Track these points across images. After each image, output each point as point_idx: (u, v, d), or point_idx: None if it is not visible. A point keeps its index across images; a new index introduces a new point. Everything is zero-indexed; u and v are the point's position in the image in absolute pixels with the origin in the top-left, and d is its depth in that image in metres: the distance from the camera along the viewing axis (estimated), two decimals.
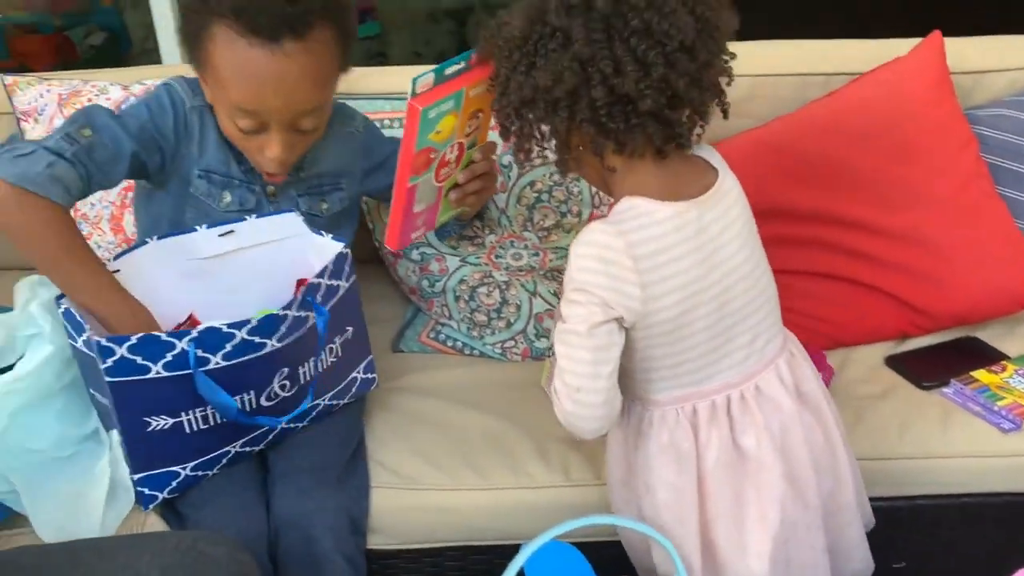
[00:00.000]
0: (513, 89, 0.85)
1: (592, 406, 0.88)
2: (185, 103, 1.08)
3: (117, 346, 0.91)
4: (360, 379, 1.17)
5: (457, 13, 3.45)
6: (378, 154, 1.24)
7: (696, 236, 0.87)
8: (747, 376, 0.94)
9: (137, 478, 1.00)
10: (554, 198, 1.30)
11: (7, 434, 0.97)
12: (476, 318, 1.38)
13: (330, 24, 1.00)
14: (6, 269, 1.52)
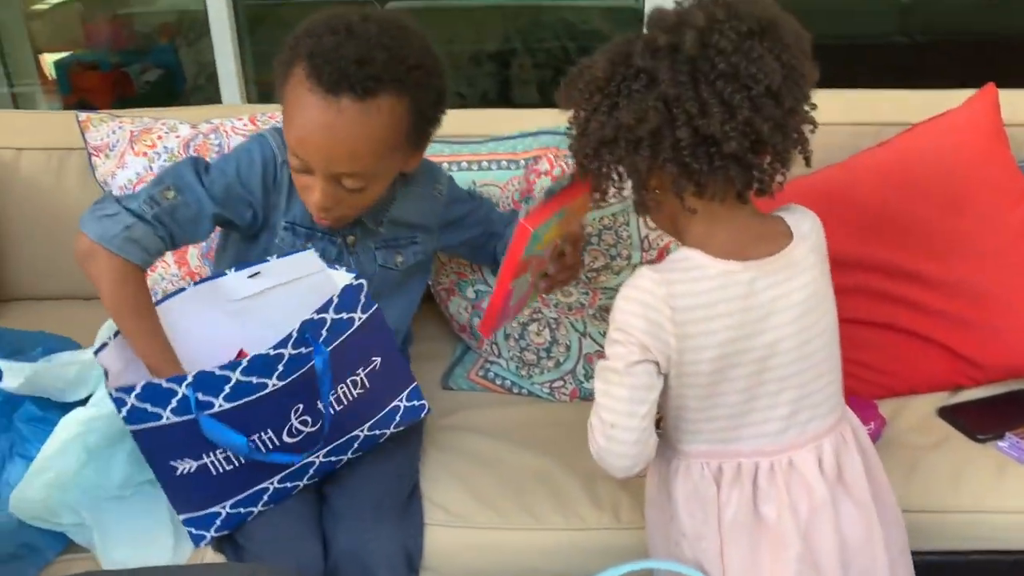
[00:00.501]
0: (593, 129, 0.86)
1: (624, 443, 0.89)
2: (276, 157, 1.10)
3: (127, 396, 0.94)
4: (404, 407, 1.14)
5: (500, 56, 3.51)
6: (456, 212, 1.27)
7: (743, 299, 0.87)
8: (781, 448, 0.92)
9: (183, 519, 1.03)
10: (604, 241, 1.32)
11: (84, 469, 1.00)
12: (525, 357, 1.39)
13: (399, 97, 0.99)
14: (71, 299, 1.59)
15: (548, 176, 1.35)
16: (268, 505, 1.07)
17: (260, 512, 1.07)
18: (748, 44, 0.81)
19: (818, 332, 0.92)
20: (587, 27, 2.88)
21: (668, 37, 0.82)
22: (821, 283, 0.93)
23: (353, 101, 0.97)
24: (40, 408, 1.10)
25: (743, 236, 0.89)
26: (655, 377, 0.89)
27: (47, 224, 1.53)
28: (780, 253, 0.89)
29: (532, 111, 1.57)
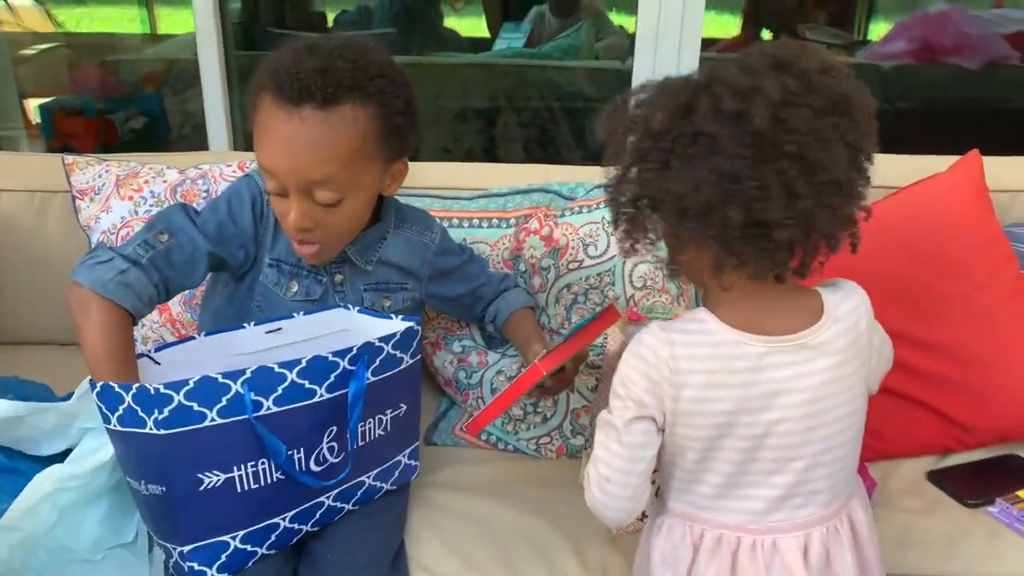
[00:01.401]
0: (638, 181, 0.81)
1: (619, 498, 0.88)
2: (263, 195, 1.11)
3: (175, 392, 0.90)
4: (404, 464, 1.16)
5: (485, 112, 3.56)
6: (446, 264, 1.26)
7: (749, 372, 0.84)
8: (766, 529, 0.88)
9: (187, 551, 0.95)
10: (590, 300, 1.32)
11: (53, 530, 0.96)
12: (512, 411, 1.37)
13: (364, 107, 1.00)
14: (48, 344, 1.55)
15: (537, 235, 1.35)
16: (271, 550, 1.02)
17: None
18: (821, 125, 0.76)
19: (831, 420, 0.87)
20: (572, 88, 2.92)
21: (737, 103, 0.75)
22: (848, 369, 0.87)
23: (315, 110, 0.98)
24: (8, 458, 1.05)
25: (766, 307, 0.85)
26: (653, 435, 0.87)
27: (26, 267, 1.50)
28: (802, 332, 0.85)
29: (523, 166, 1.58)
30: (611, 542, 1.15)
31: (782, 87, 0.75)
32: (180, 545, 0.95)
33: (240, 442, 0.95)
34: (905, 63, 2.51)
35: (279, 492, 1.00)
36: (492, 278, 1.32)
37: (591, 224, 1.33)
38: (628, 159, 0.83)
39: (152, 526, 0.99)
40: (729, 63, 0.79)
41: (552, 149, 2.90)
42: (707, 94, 0.78)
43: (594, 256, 1.31)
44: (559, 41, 2.87)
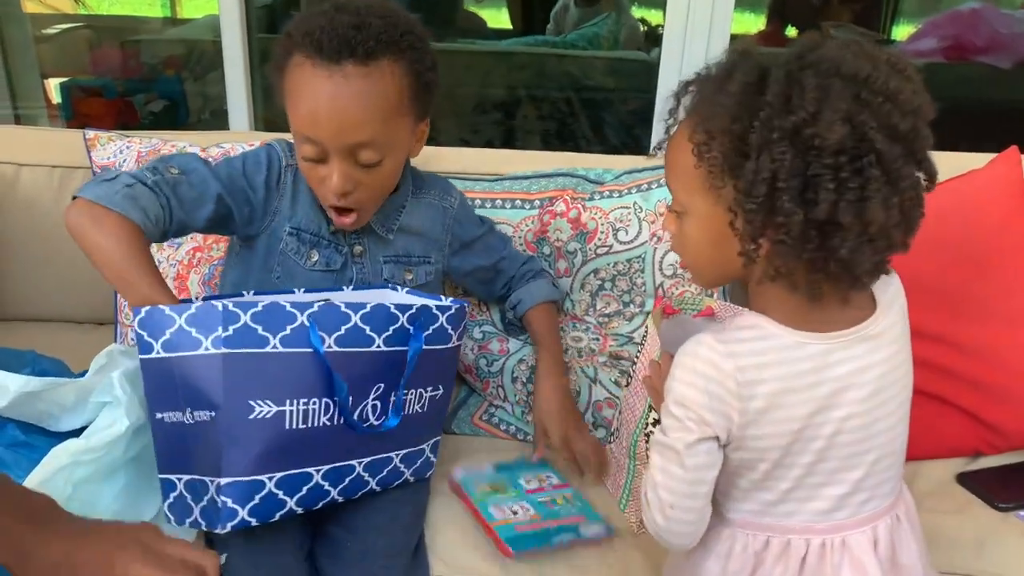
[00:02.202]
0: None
1: (684, 523, 0.84)
2: (282, 160, 1.11)
3: (242, 312, 0.88)
4: (426, 456, 1.15)
5: (504, 105, 3.53)
6: (466, 233, 1.24)
7: (814, 373, 0.81)
8: (834, 527, 0.86)
9: (224, 483, 0.91)
10: (617, 287, 1.29)
11: (67, 504, 0.94)
12: (532, 402, 1.35)
13: (399, 62, 1.01)
14: (64, 321, 1.54)
15: (564, 217, 1.32)
16: (299, 505, 0.98)
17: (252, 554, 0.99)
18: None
19: (892, 409, 0.85)
20: (591, 82, 2.90)
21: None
22: (902, 355, 0.86)
23: (356, 66, 0.98)
24: (24, 432, 1.04)
25: (816, 305, 0.81)
26: (715, 454, 0.83)
27: (44, 243, 1.48)
28: (861, 325, 0.83)
29: (547, 153, 1.56)
30: (633, 538, 1.12)
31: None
32: (219, 477, 0.91)
33: (297, 375, 0.93)
34: (936, 61, 2.47)
35: (321, 439, 0.97)
36: (514, 254, 1.29)
37: (622, 208, 1.30)
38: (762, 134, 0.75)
39: (188, 462, 0.95)
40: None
41: (571, 143, 2.88)
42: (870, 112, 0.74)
43: (624, 241, 1.28)
44: (584, 29, 2.84)
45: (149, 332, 0.91)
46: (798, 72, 0.74)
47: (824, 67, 0.74)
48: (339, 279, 1.15)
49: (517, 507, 1.14)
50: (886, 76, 0.74)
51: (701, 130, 0.78)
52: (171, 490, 0.96)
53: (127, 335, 1.39)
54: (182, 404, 0.91)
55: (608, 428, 1.32)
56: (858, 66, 0.74)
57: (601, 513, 1.15)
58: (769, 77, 0.75)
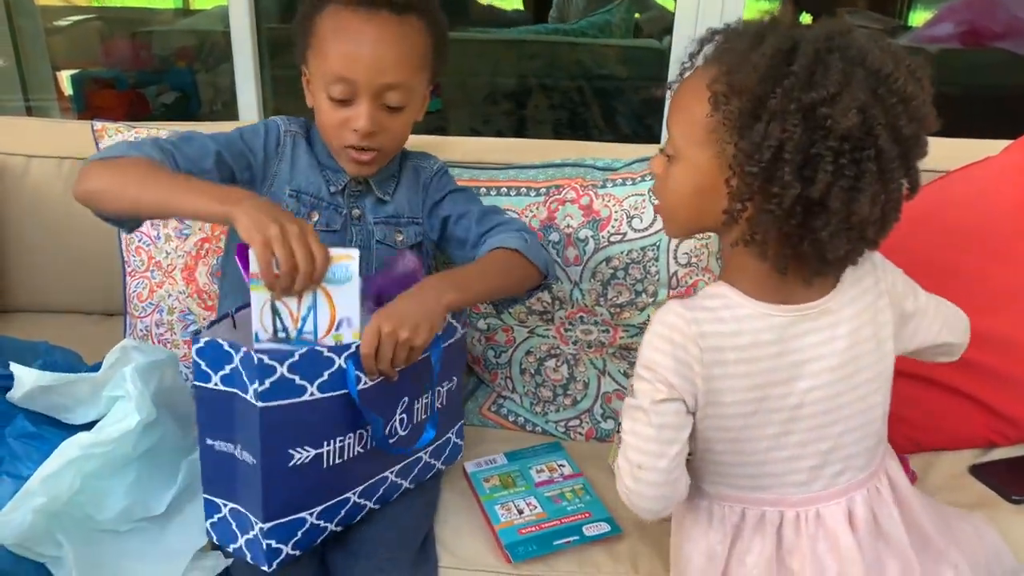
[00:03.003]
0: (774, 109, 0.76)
1: (653, 485, 0.85)
2: (280, 127, 1.16)
3: (279, 364, 0.88)
4: (453, 442, 1.17)
5: (514, 95, 3.51)
6: (441, 190, 1.24)
7: (776, 343, 0.84)
8: (807, 500, 0.88)
9: (268, 528, 0.93)
10: (630, 276, 1.27)
11: (77, 497, 0.94)
12: (541, 393, 1.34)
13: (424, 22, 1.09)
14: (73, 312, 1.55)
15: (575, 204, 1.30)
16: (339, 525, 1.02)
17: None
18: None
19: (859, 383, 0.87)
20: (603, 70, 2.87)
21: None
22: (869, 331, 0.88)
23: (391, 15, 1.06)
24: (34, 424, 1.05)
25: (781, 278, 0.84)
26: (683, 416, 0.85)
27: (53, 233, 1.49)
28: (822, 299, 0.85)
29: (558, 142, 1.55)
30: (641, 529, 1.12)
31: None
32: (263, 522, 0.93)
33: (334, 417, 0.94)
34: (951, 47, 2.43)
35: (355, 466, 0.99)
36: (490, 212, 1.23)
37: (636, 196, 1.28)
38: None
39: (234, 492, 0.96)
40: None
41: (583, 132, 2.86)
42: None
43: (639, 229, 1.27)
44: (595, 17, 2.81)
45: (208, 363, 0.91)
46: (826, 52, 0.76)
47: (851, 54, 0.76)
48: (340, 240, 1.16)
49: (524, 504, 1.13)
50: (905, 79, 0.76)
51: (724, 82, 0.78)
52: (215, 512, 0.97)
53: (136, 326, 1.40)
54: (235, 438, 0.92)
55: (617, 419, 1.31)
56: (882, 62, 0.76)
57: (610, 507, 1.14)
58: (799, 50, 0.76)
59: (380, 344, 0.94)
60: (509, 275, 1.12)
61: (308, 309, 0.92)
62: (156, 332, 1.38)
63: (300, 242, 0.87)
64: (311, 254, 0.88)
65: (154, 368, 1.06)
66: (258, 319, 0.92)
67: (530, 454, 1.25)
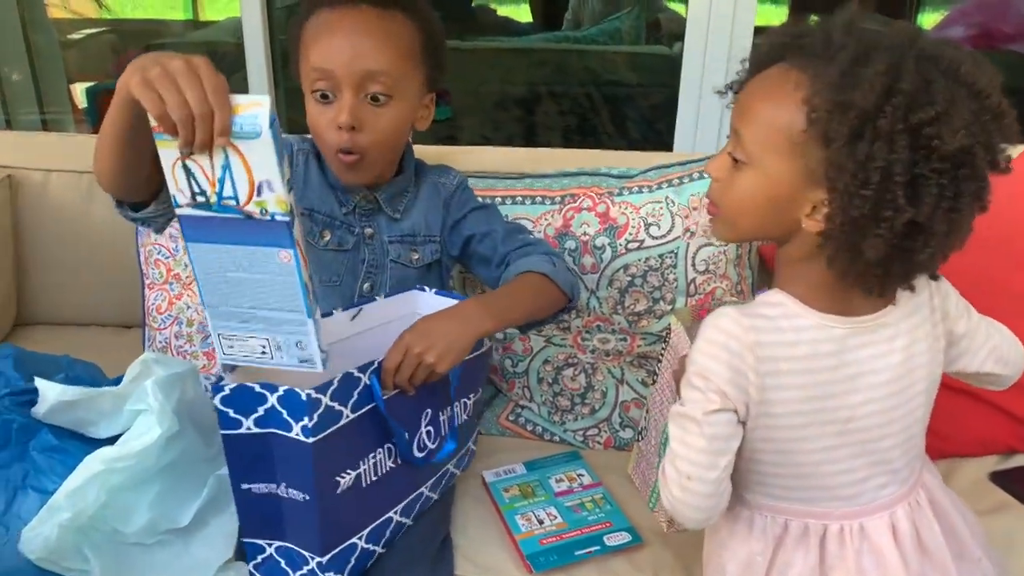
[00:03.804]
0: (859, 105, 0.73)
1: (701, 496, 0.83)
2: (293, 146, 1.15)
3: (323, 395, 0.88)
4: (471, 450, 1.18)
5: (524, 101, 3.52)
6: (462, 208, 1.23)
7: (834, 355, 0.82)
8: (852, 513, 0.87)
9: (326, 560, 0.94)
10: (648, 283, 1.28)
11: (102, 511, 0.95)
12: (559, 402, 1.34)
13: (410, 18, 1.08)
14: (92, 325, 1.56)
15: (592, 212, 1.31)
16: (384, 546, 1.03)
17: None
18: None
19: (910, 397, 0.86)
20: (612, 76, 2.88)
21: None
22: (923, 346, 0.86)
23: (371, 8, 1.05)
24: (57, 438, 1.05)
25: (840, 289, 0.82)
26: (734, 427, 0.83)
27: (73, 247, 1.50)
28: (880, 312, 0.83)
29: (573, 151, 1.55)
30: (662, 539, 1.12)
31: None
32: (320, 555, 0.93)
33: (364, 434, 0.95)
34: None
35: (391, 484, 1.00)
36: (514, 230, 1.23)
37: (654, 203, 1.29)
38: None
39: (281, 531, 0.95)
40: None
41: (592, 139, 2.86)
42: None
43: (656, 236, 1.27)
44: (605, 24, 2.82)
45: (236, 409, 0.90)
46: (928, 68, 0.73)
47: (944, 66, 0.74)
48: (352, 259, 1.16)
49: (544, 515, 1.13)
50: (997, 95, 0.74)
51: (827, 97, 0.74)
52: (258, 552, 0.97)
53: (155, 338, 1.41)
54: (278, 479, 0.92)
55: (635, 428, 1.31)
56: (976, 76, 0.74)
57: (630, 517, 1.14)
58: (902, 66, 0.73)
59: (403, 362, 0.94)
60: (539, 300, 1.13)
61: (223, 170, 0.82)
62: (175, 344, 1.38)
63: (188, 79, 0.75)
64: (203, 94, 0.75)
65: (175, 381, 1.07)
66: (172, 181, 0.83)
67: (549, 464, 1.25)
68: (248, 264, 0.85)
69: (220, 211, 0.83)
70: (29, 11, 2.31)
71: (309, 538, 0.93)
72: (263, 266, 0.85)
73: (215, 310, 0.90)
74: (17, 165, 1.49)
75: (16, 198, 1.49)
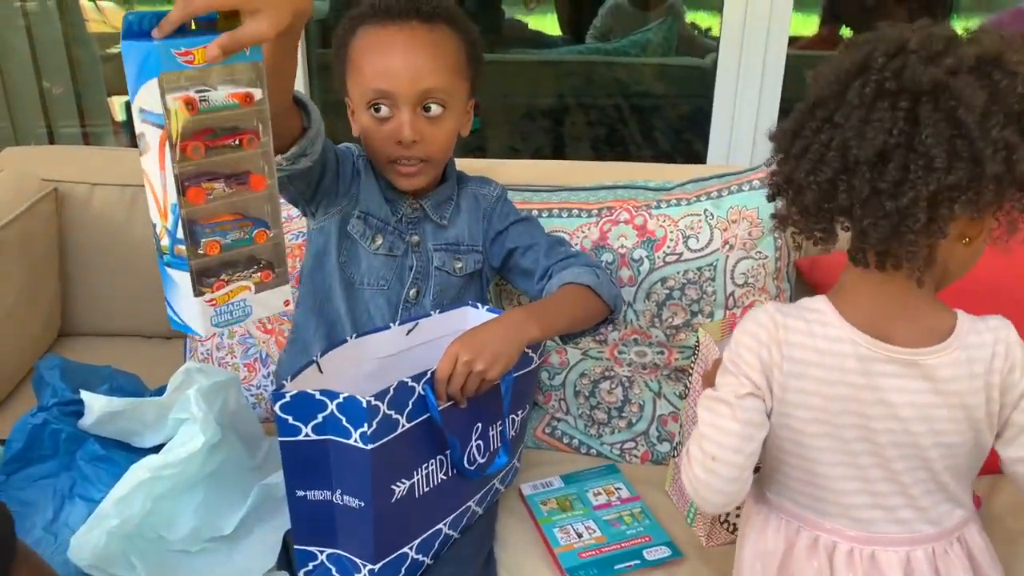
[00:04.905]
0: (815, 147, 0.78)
1: (725, 479, 0.83)
2: (354, 152, 1.18)
3: (381, 403, 0.89)
4: (515, 467, 1.18)
5: (552, 112, 3.53)
6: (504, 220, 1.24)
7: (860, 374, 0.81)
8: (865, 539, 0.85)
9: (378, 568, 0.95)
10: (686, 296, 1.27)
11: (148, 518, 0.97)
12: (596, 415, 1.34)
13: (454, 29, 1.12)
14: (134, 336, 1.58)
15: (629, 224, 1.31)
16: (433, 558, 1.04)
17: None
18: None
19: (939, 443, 0.82)
20: (641, 87, 2.88)
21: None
22: (957, 401, 0.81)
23: (421, 23, 1.09)
24: (103, 447, 1.07)
25: (890, 312, 0.82)
26: (762, 415, 0.84)
27: (117, 259, 1.52)
28: (917, 349, 0.81)
29: (606, 164, 1.55)
30: (702, 554, 1.11)
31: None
32: (372, 563, 0.95)
33: (418, 444, 0.96)
34: None
35: (442, 496, 1.01)
36: (556, 243, 1.23)
37: (692, 216, 1.28)
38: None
39: (333, 538, 0.97)
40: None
41: (621, 149, 2.86)
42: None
43: (695, 249, 1.27)
44: (636, 36, 2.82)
45: (296, 416, 0.91)
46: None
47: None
48: (400, 265, 1.18)
49: (582, 528, 1.13)
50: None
51: None
52: (310, 559, 0.98)
53: (196, 349, 1.42)
54: (333, 485, 0.93)
55: (672, 441, 1.31)
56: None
57: (669, 531, 1.14)
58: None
59: (454, 371, 0.95)
60: (583, 310, 1.14)
61: None
62: (217, 356, 1.40)
63: None
64: None
65: (217, 390, 1.08)
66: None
67: (586, 477, 1.25)
68: None
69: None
70: (71, 27, 2.35)
71: (362, 545, 0.94)
72: None
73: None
74: (62, 179, 1.52)
75: (61, 211, 1.52)
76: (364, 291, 1.17)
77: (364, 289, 1.17)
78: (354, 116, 1.15)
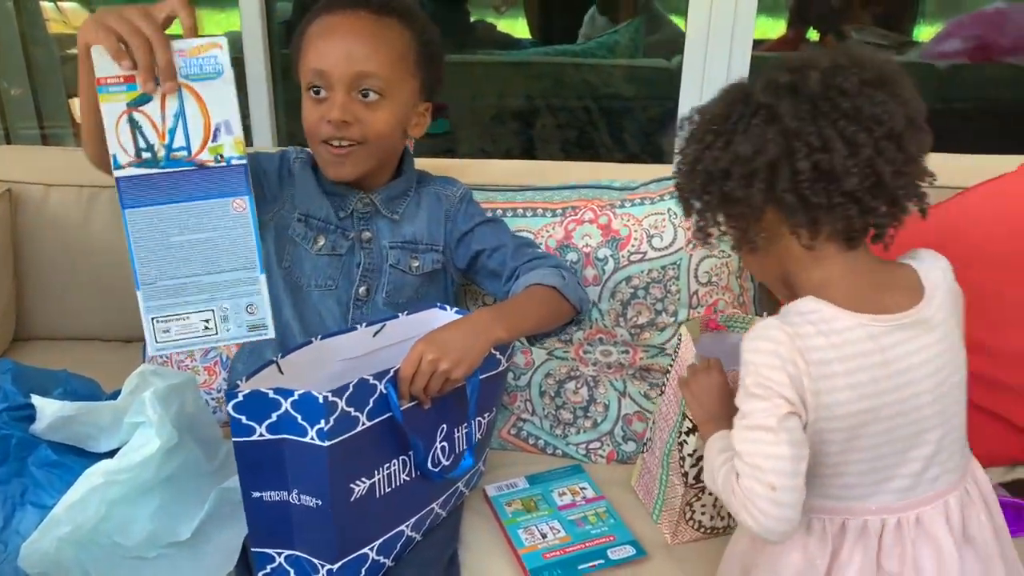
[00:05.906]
0: (706, 163, 0.85)
1: (788, 505, 0.81)
2: (291, 155, 1.18)
3: (339, 399, 0.88)
4: (480, 470, 1.18)
5: (522, 114, 3.53)
6: (468, 221, 1.24)
7: (878, 352, 0.83)
8: (909, 505, 0.88)
9: (336, 568, 0.94)
10: (651, 295, 1.27)
11: (102, 524, 0.94)
12: (561, 415, 1.34)
13: (406, 26, 1.12)
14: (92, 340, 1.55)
15: (594, 224, 1.30)
16: (394, 560, 1.02)
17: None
18: (870, 90, 0.81)
19: (950, 387, 0.88)
20: (609, 89, 2.89)
21: (791, 77, 0.82)
22: (954, 336, 0.89)
23: (369, 13, 1.09)
24: (56, 452, 1.05)
25: (864, 283, 0.86)
26: (802, 431, 0.84)
27: (73, 262, 1.49)
28: (913, 309, 0.86)
29: (573, 164, 1.55)
30: (666, 552, 1.11)
31: (830, 59, 0.83)
32: (331, 563, 0.93)
33: (380, 443, 0.94)
34: (960, 62, 2.44)
35: (404, 497, 1.00)
36: (523, 245, 1.24)
37: (656, 215, 1.29)
38: (693, 151, 0.88)
39: (290, 539, 0.95)
40: (786, 54, 0.87)
41: (591, 151, 2.87)
42: (760, 79, 0.85)
43: (659, 248, 1.27)
44: (603, 38, 2.83)
45: (249, 416, 0.89)
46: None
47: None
48: (347, 263, 1.17)
49: (547, 528, 1.13)
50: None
51: None
52: (268, 562, 0.97)
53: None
54: (289, 485, 0.92)
55: (638, 441, 1.31)
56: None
57: (634, 530, 1.14)
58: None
59: (418, 370, 0.94)
60: (549, 311, 1.15)
61: (175, 118, 0.81)
62: (176, 359, 1.38)
63: (144, 19, 0.80)
64: (156, 26, 0.80)
65: (174, 392, 1.06)
66: (114, 138, 0.81)
67: (551, 477, 1.24)
68: (195, 223, 0.86)
69: (168, 165, 0.82)
70: (29, 26, 2.31)
71: (321, 545, 0.93)
72: (213, 222, 0.86)
73: (151, 288, 0.90)
74: (17, 179, 1.49)
75: (15, 212, 1.49)
76: (312, 293, 1.16)
77: (312, 291, 1.16)
78: (302, 84, 1.14)
